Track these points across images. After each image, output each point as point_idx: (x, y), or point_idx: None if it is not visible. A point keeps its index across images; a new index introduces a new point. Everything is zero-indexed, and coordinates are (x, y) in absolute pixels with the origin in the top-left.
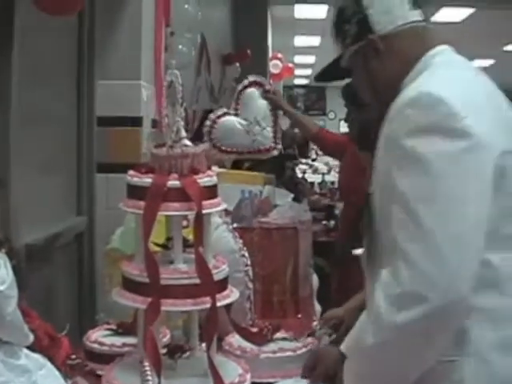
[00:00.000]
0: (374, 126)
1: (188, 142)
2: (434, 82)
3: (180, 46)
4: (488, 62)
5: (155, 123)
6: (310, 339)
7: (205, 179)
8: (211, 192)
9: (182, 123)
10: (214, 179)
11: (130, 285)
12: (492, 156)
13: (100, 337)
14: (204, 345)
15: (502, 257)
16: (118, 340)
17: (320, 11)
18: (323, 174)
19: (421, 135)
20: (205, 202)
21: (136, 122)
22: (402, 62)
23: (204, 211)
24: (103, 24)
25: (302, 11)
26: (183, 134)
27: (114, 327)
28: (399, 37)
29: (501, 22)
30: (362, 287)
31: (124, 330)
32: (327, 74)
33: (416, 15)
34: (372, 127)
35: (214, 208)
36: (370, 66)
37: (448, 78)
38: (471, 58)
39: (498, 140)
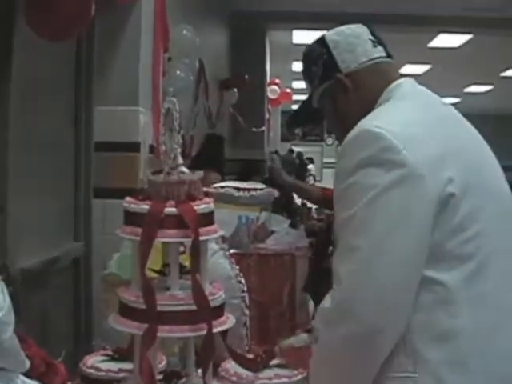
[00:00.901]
0: None
1: (185, 169)
2: (376, 118)
3: (178, 72)
4: (486, 88)
5: (152, 149)
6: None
7: (201, 206)
8: (208, 219)
9: (180, 150)
10: (211, 206)
11: (127, 311)
12: (433, 185)
13: (96, 362)
14: (200, 371)
15: (453, 276)
16: (115, 365)
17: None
18: None
19: (359, 169)
20: (201, 229)
21: (133, 147)
22: (367, 97)
23: (201, 238)
24: (101, 50)
25: (300, 37)
26: (180, 160)
27: (110, 353)
28: (363, 73)
29: (498, 48)
30: None
31: (120, 355)
32: (300, 117)
33: (378, 52)
34: None
35: (211, 235)
36: (339, 103)
37: (393, 112)
38: (469, 83)
39: (445, 169)
